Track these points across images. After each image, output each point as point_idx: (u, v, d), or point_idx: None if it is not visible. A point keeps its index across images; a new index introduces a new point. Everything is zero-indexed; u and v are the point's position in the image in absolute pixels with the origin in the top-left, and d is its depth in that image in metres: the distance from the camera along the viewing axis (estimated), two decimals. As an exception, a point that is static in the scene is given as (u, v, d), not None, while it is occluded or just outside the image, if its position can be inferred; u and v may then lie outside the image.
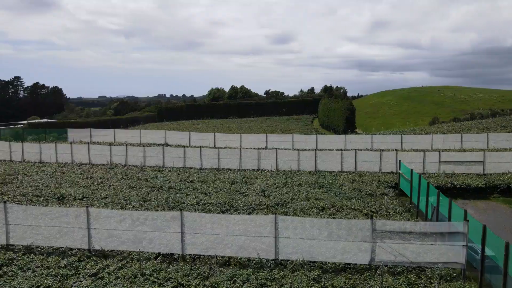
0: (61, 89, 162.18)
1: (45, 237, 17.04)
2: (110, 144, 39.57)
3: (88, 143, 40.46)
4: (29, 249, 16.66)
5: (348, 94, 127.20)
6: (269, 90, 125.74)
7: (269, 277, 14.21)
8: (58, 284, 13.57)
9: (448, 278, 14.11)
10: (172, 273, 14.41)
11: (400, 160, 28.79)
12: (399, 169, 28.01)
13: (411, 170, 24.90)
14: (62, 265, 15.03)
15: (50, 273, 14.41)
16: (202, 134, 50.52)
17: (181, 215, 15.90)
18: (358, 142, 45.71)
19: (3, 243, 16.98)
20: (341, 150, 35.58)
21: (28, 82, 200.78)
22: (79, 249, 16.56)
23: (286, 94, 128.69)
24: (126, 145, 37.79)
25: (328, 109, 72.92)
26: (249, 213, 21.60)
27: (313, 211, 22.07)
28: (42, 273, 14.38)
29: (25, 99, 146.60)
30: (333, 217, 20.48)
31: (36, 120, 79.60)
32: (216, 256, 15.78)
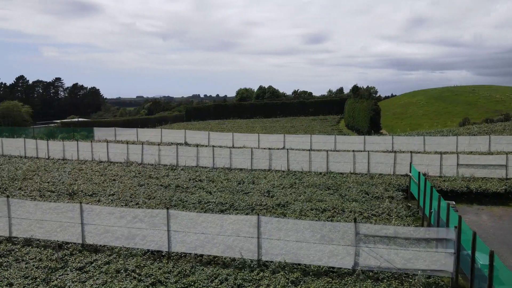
0: (98, 89, 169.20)
1: (47, 231, 17.88)
2: (127, 142, 40.84)
3: (107, 141, 41.96)
4: (28, 242, 17.54)
5: (382, 94, 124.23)
6: (297, 90, 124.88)
7: (247, 278, 14.17)
8: (44, 276, 14.19)
9: (433, 287, 13.49)
10: (154, 270, 14.70)
11: (411, 163, 27.76)
12: (410, 172, 27.02)
13: (419, 172, 23.96)
14: (54, 258, 15.70)
15: (41, 265, 15.11)
16: (221, 133, 51.00)
17: (167, 213, 16.18)
18: (379, 143, 44.55)
19: (6, 235, 17.97)
20: (353, 151, 34.78)
21: (68, 83, 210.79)
22: (75, 243, 17.24)
23: (314, 94, 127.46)
24: (142, 144, 38.85)
25: (353, 110, 71.49)
26: (246, 213, 21.62)
27: (312, 212, 21.77)
28: (34, 265, 15.10)
29: (65, 99, 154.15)
30: (331, 219, 20.12)
31: (69, 119, 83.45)
32: (202, 255, 15.93)
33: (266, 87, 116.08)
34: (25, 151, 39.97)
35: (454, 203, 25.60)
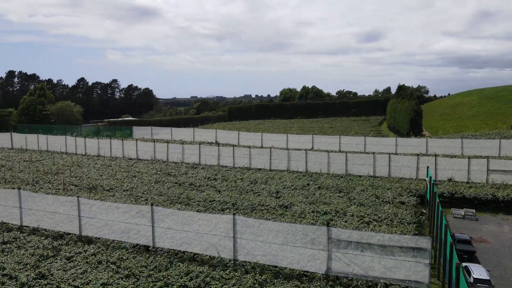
0: (151, 90, 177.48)
1: (55, 222, 19.31)
2: (154, 141, 42.55)
3: (136, 140, 44.05)
4: (35, 231, 19.07)
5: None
6: (343, 90, 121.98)
7: (216, 276, 14.34)
8: (33, 263, 15.42)
9: (405, 299, 12.76)
10: (133, 263, 15.36)
11: (428, 167, 26.20)
12: (427, 176, 25.52)
13: (430, 177, 22.57)
14: (50, 247, 16.97)
15: (36, 252, 16.42)
16: (251, 133, 51.37)
17: (151, 210, 16.80)
18: (413, 145, 42.37)
19: (18, 223, 19.69)
20: (373, 153, 33.46)
21: (125, 84, 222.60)
22: (75, 234, 18.47)
23: (360, 94, 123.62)
24: (168, 142, 40.29)
25: (395, 110, 68.57)
26: (245, 214, 21.75)
27: (312, 215, 21.39)
28: (30, 253, 16.44)
29: (120, 99, 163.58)
30: (327, 222, 19.67)
31: (115, 119, 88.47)
32: (185, 251, 16.35)
33: (310, 87, 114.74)
34: (66, 148, 43.21)
35: (473, 211, 23.84)
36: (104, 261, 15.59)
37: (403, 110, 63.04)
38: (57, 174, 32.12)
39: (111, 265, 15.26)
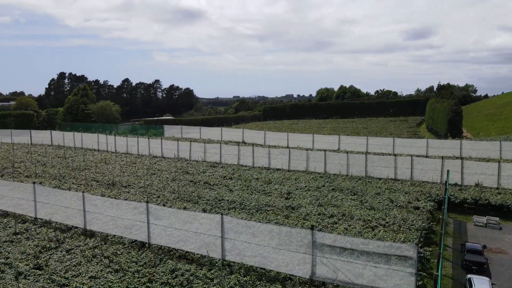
0: (192, 90, 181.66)
1: (67, 216, 20.26)
2: (178, 140, 43.40)
3: (162, 138, 45.15)
4: (47, 223, 20.13)
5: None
6: (383, 89, 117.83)
7: (200, 275, 14.36)
8: (32, 252, 16.27)
9: (387, 309, 12.06)
10: (124, 258, 15.76)
11: (448, 170, 24.62)
12: (447, 180, 24.01)
13: (446, 182, 21.17)
14: (55, 239, 17.84)
15: (40, 243, 17.31)
16: (277, 133, 51.02)
17: (147, 207, 17.13)
18: (445, 148, 40.15)
19: (33, 216, 20.88)
20: (395, 155, 31.98)
21: (167, 84, 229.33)
22: (81, 228, 19.27)
23: (406, 94, 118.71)
24: (190, 142, 40.97)
25: (433, 110, 65.23)
26: (250, 214, 21.64)
27: (317, 217, 20.87)
28: (34, 244, 17.37)
29: (162, 99, 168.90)
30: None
31: (164, 117, 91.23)
32: (177, 249, 16.54)
33: (348, 86, 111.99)
34: (98, 145, 45.29)
35: (497, 219, 22.14)
36: (99, 255, 16.13)
37: (441, 111, 59.81)
38: (84, 170, 33.72)
39: (104, 259, 15.75)
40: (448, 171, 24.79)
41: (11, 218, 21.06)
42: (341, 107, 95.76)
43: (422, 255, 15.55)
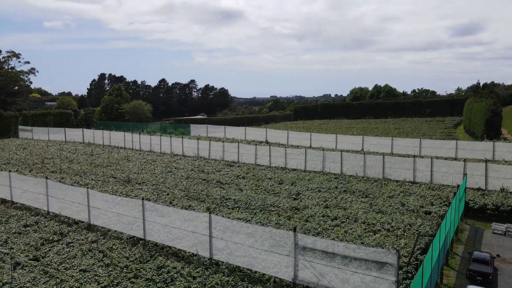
0: (227, 90, 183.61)
1: (76, 210, 21.11)
2: (198, 139, 43.85)
3: (183, 137, 45.84)
4: (57, 217, 21.04)
5: None
6: (420, 88, 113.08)
7: (185, 273, 14.41)
8: (36, 245, 17.03)
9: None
10: (117, 253, 16.14)
11: (465, 174, 23.13)
12: (465, 185, 22.60)
13: (458, 186, 19.88)
14: (58, 232, 18.60)
15: (44, 236, 18.10)
16: (301, 133, 50.39)
17: (142, 204, 17.43)
18: (476, 150, 37.96)
19: (46, 209, 21.90)
20: (414, 157, 30.51)
21: (202, 84, 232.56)
22: (86, 222, 19.97)
23: (449, 93, 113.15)
24: (210, 140, 41.32)
25: (471, 110, 61.79)
26: (253, 214, 21.48)
27: (320, 219, 20.37)
28: (39, 236, 18.19)
29: (197, 99, 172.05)
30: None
31: (200, 116, 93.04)
32: (171, 246, 16.71)
33: (383, 85, 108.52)
34: (124, 143, 46.83)
35: (516, 227, 20.50)
36: (95, 249, 16.62)
37: (479, 111, 56.53)
38: (106, 166, 34.98)
39: (98, 254, 16.21)
40: (465, 174, 23.32)
41: (27, 211, 22.22)
42: (374, 107, 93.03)
43: (418, 262, 14.67)
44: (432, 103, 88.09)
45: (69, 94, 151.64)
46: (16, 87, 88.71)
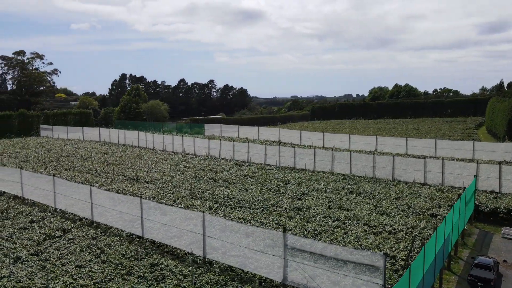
0: (246, 89, 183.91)
1: (80, 208, 21.57)
2: (209, 138, 44.02)
3: (194, 136, 46.15)
4: (63, 213, 21.54)
5: None
6: (443, 87, 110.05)
7: (176, 271, 14.48)
8: (38, 240, 17.47)
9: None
10: (114, 250, 16.36)
11: (475, 176, 22.31)
12: (475, 186, 21.80)
13: (464, 187, 19.17)
14: (61, 229, 19.03)
15: (47, 232, 18.55)
16: (314, 133, 49.88)
17: (140, 202, 17.61)
18: (495, 151, 36.68)
19: (53, 206, 22.46)
20: (424, 158, 29.65)
21: (222, 84, 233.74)
22: (89, 219, 20.36)
23: (475, 92, 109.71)
24: (220, 140, 41.43)
25: (493, 110, 59.72)
26: (255, 213, 21.41)
27: (321, 220, 20.11)
28: (42, 232, 18.65)
29: (216, 98, 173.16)
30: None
31: (219, 116, 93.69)
32: (167, 245, 16.83)
33: (403, 85, 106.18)
34: (138, 142, 47.58)
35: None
36: (93, 246, 16.91)
37: (501, 110, 54.54)
38: (118, 165, 35.61)
39: (96, 250, 16.48)
40: (475, 176, 22.50)
41: (35, 207, 22.86)
42: (393, 107, 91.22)
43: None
44: (454, 103, 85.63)
45: (93, 94, 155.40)
46: (43, 87, 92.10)
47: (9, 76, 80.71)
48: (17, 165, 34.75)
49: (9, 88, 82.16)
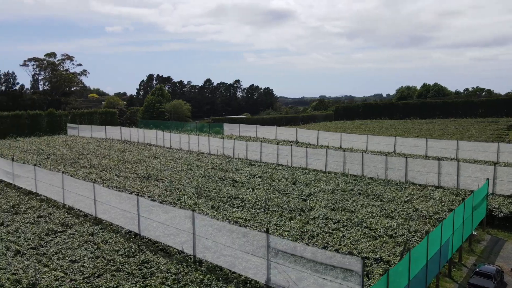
0: (271, 89, 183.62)
1: (86, 204, 22.14)
2: (223, 138, 44.09)
3: (209, 135, 46.37)
4: (71, 209, 22.19)
5: None
6: (476, 87, 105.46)
7: (164, 269, 14.54)
8: (40, 234, 18.06)
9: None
10: (109, 246, 16.66)
11: (488, 179, 21.15)
12: (488, 190, 20.69)
13: (472, 192, 18.19)
14: (65, 224, 19.59)
15: (50, 227, 19.14)
16: (331, 133, 49.02)
17: (137, 200, 17.84)
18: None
19: (62, 202, 23.18)
20: (438, 160, 28.42)
21: (246, 84, 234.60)
22: (92, 215, 20.86)
23: (499, 92, 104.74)
24: (234, 139, 41.42)
25: (525, 110, 56.62)
26: (257, 213, 21.25)
27: (322, 221, 19.68)
28: (45, 227, 19.26)
29: (242, 98, 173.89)
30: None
31: (243, 116, 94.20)
32: (162, 243, 16.97)
33: (432, 84, 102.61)
34: (156, 141, 48.42)
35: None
36: (91, 242, 17.29)
37: (533, 111, 51.65)
38: (133, 163, 36.36)
39: (93, 246, 16.84)
40: (487, 179, 21.33)
41: (46, 203, 23.69)
42: (420, 107, 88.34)
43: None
44: (486, 102, 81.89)
45: (124, 94, 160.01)
46: (74, 88, 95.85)
47: (41, 77, 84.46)
48: (38, 162, 36.19)
49: (40, 89, 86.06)
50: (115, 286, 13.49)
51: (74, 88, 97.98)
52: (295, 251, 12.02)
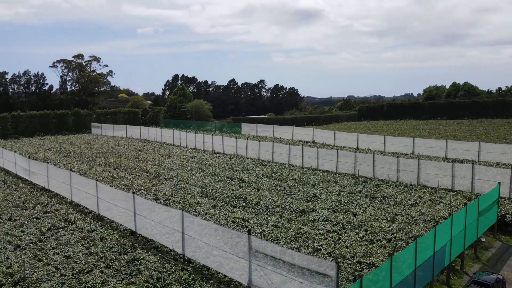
0: (296, 89, 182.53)
1: (92, 202, 22.64)
2: (236, 137, 43.97)
3: (223, 135, 46.41)
4: (77, 206, 22.79)
5: None
6: (510, 86, 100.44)
7: (152, 267, 14.63)
8: (42, 229, 18.61)
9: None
10: (106, 243, 16.96)
11: (499, 183, 19.98)
12: (498, 195, 19.58)
13: (478, 195, 17.24)
14: (68, 220, 20.10)
15: (52, 222, 19.70)
16: (349, 134, 48.02)
17: (133, 198, 18.04)
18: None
19: (69, 198, 23.84)
20: (452, 162, 27.16)
21: (271, 84, 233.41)
22: (96, 212, 21.31)
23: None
24: (247, 139, 41.29)
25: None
26: (257, 213, 21.08)
27: (322, 223, 19.27)
28: (50, 222, 19.83)
29: (266, 98, 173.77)
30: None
31: (267, 116, 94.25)
32: (156, 241, 17.10)
33: (461, 83, 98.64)
34: (173, 140, 49.06)
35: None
36: (88, 238, 17.65)
37: None
38: (147, 162, 36.98)
39: (89, 242, 17.18)
40: (499, 183, 20.18)
41: (55, 199, 24.43)
42: (448, 106, 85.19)
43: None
44: (517, 102, 77.97)
45: (153, 94, 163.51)
46: (104, 88, 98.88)
47: (69, 78, 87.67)
48: (57, 160, 37.45)
49: (68, 89, 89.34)
50: (101, 282, 13.67)
51: (104, 88, 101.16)
52: (275, 253, 11.76)
